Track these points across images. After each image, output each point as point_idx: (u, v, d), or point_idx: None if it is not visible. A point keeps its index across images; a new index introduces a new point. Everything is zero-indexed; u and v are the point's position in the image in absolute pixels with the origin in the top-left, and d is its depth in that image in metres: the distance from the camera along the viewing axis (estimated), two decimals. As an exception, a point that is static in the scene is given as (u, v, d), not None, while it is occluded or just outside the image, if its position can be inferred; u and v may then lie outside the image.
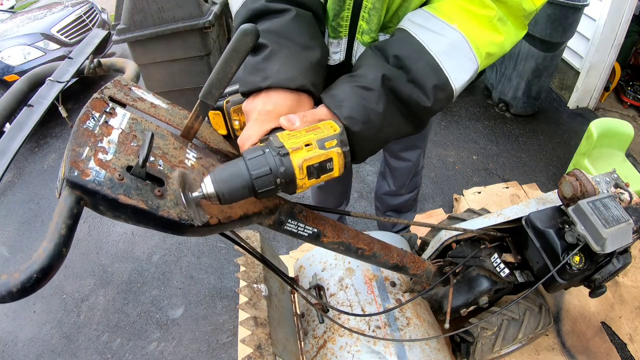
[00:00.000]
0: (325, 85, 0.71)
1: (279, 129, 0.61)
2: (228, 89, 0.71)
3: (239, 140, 0.63)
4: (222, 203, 0.52)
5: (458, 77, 0.68)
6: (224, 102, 0.71)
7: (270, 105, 0.62)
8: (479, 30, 0.69)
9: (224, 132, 0.74)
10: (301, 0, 0.72)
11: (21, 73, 3.65)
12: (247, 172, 0.52)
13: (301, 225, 0.73)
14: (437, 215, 2.28)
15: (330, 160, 0.55)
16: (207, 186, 0.51)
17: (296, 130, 0.58)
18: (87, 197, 0.46)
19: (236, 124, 0.73)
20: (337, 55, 0.88)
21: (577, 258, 1.03)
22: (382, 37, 0.83)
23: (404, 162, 1.60)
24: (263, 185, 0.52)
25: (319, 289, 1.17)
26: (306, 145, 0.54)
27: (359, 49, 0.85)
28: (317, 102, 0.68)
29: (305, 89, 0.64)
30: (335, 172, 0.57)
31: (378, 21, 0.79)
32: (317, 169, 0.54)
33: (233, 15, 0.78)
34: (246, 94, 0.66)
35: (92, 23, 4.33)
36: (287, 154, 0.53)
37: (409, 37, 0.69)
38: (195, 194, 0.52)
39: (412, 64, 0.66)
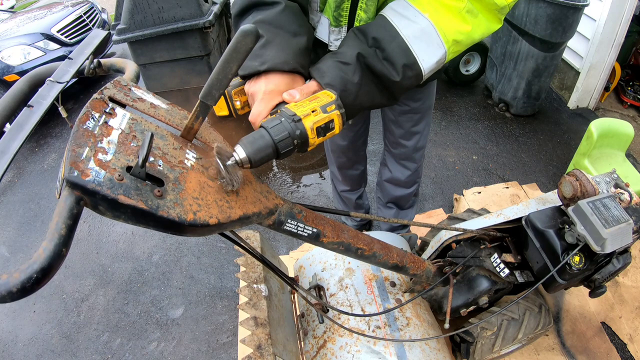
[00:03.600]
0: (314, 63, 0.82)
1: (282, 103, 0.73)
2: None
3: (250, 117, 0.75)
4: (252, 166, 0.62)
5: (426, 59, 0.79)
6: None
7: (272, 85, 0.74)
8: (448, 20, 0.78)
9: (225, 112, 0.84)
10: None
11: (21, 73, 3.65)
12: (271, 138, 0.63)
13: (301, 225, 0.73)
14: (437, 215, 2.28)
15: (332, 121, 0.69)
16: (240, 153, 0.61)
17: (300, 102, 0.70)
18: (87, 197, 0.46)
19: (237, 104, 0.83)
20: (338, 41, 0.98)
21: (577, 258, 1.03)
22: None
23: (403, 149, 1.62)
24: (284, 146, 0.64)
25: (318, 289, 1.17)
26: (312, 112, 0.67)
27: None
28: (306, 80, 0.80)
29: (296, 70, 0.77)
30: (336, 130, 0.71)
31: (374, 10, 0.90)
32: (323, 129, 0.68)
33: (231, 4, 0.88)
34: (246, 77, 0.78)
35: (92, 23, 4.33)
36: (300, 119, 0.65)
37: (386, 22, 0.80)
38: (229, 162, 0.60)
39: (386, 45, 0.77)
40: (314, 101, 0.69)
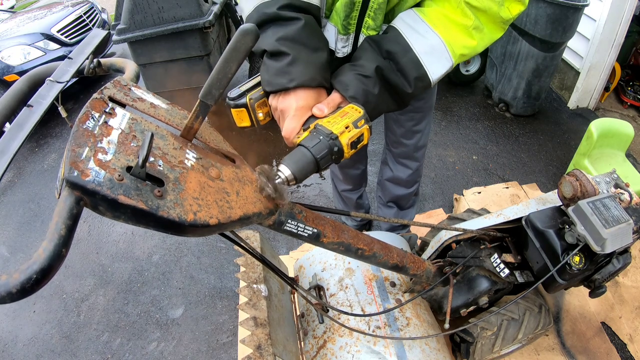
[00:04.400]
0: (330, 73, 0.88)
1: (311, 117, 0.79)
2: (245, 87, 0.84)
3: (284, 133, 0.80)
4: (297, 182, 0.69)
5: (435, 71, 0.86)
6: (247, 99, 0.83)
7: (302, 102, 0.78)
8: (456, 36, 0.85)
9: (247, 124, 0.87)
10: (305, 7, 0.85)
11: (21, 73, 3.65)
12: (312, 156, 0.70)
13: (301, 225, 0.73)
14: (437, 215, 2.28)
15: (362, 135, 0.75)
16: (285, 172, 0.68)
17: (331, 117, 0.76)
18: (86, 197, 0.46)
19: (260, 115, 0.86)
20: (345, 48, 1.01)
21: (577, 258, 1.03)
22: (384, 26, 0.96)
23: (404, 148, 1.63)
24: (325, 162, 0.72)
25: (318, 289, 1.17)
26: (346, 128, 0.74)
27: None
28: (328, 91, 0.86)
29: (322, 85, 0.81)
30: (365, 141, 0.78)
31: (382, 18, 0.93)
32: (355, 142, 0.75)
33: (244, 18, 0.89)
34: (273, 92, 0.82)
35: (92, 23, 4.33)
36: (337, 137, 0.72)
37: (399, 36, 0.86)
38: (277, 180, 0.66)
39: (400, 58, 0.84)
40: (345, 117, 0.75)
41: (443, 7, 0.86)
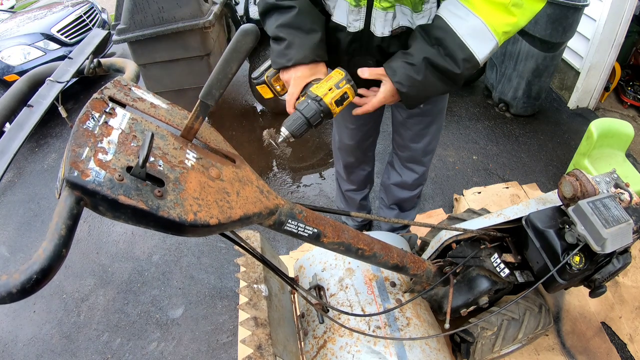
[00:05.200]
0: (336, 47, 1.11)
1: (309, 84, 0.97)
2: (263, 67, 1.06)
3: (286, 97, 1.01)
4: (296, 138, 0.92)
5: (480, 51, 0.95)
6: (265, 77, 1.06)
7: (299, 74, 0.99)
8: (496, 15, 0.92)
9: (270, 95, 1.09)
10: None
11: (21, 73, 3.64)
12: (303, 116, 0.90)
13: (301, 225, 0.73)
14: (437, 215, 2.27)
15: (345, 93, 0.92)
16: (284, 132, 0.91)
17: (320, 83, 0.94)
18: (87, 197, 0.46)
19: (278, 88, 1.07)
20: (357, 22, 1.06)
21: (577, 258, 1.03)
22: (398, 7, 1.02)
23: (411, 152, 1.61)
24: (315, 120, 0.91)
25: (319, 289, 1.17)
26: (329, 90, 0.91)
27: (377, 16, 1.03)
28: (329, 65, 1.06)
29: (314, 60, 0.99)
30: (351, 98, 0.95)
31: None
32: (340, 100, 0.92)
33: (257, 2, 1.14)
34: (277, 69, 1.03)
35: (92, 23, 4.33)
36: (321, 99, 0.90)
37: (444, 23, 0.96)
38: (280, 139, 0.92)
39: (447, 43, 0.95)
40: (329, 81, 0.93)
41: None
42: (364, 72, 1.01)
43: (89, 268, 2.37)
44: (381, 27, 1.05)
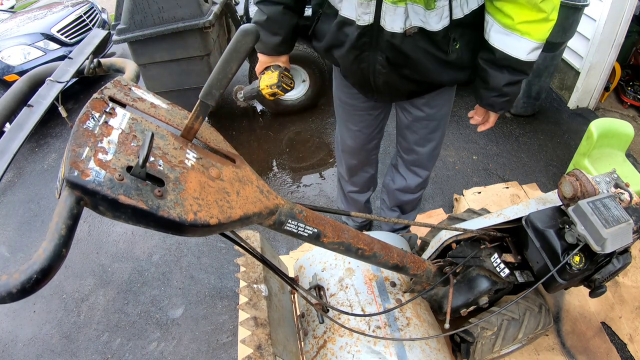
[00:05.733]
0: (344, 43, 1.20)
1: (268, 67, 1.33)
2: (270, 79, 1.32)
3: (256, 68, 1.38)
4: (247, 101, 1.42)
5: (535, 56, 1.15)
6: (274, 86, 1.34)
7: (262, 59, 1.33)
8: (540, 30, 1.07)
9: (282, 94, 1.34)
10: (277, 0, 1.20)
11: (21, 73, 3.64)
12: (252, 95, 1.37)
13: (301, 225, 0.73)
14: (437, 215, 2.27)
15: (275, 93, 1.30)
16: (240, 95, 1.41)
17: (265, 76, 1.31)
18: (87, 197, 0.46)
19: (284, 85, 1.35)
20: (366, 16, 1.07)
21: (577, 258, 1.03)
22: (410, 5, 1.04)
23: (415, 155, 1.61)
24: (258, 98, 1.41)
25: (319, 289, 1.17)
26: (266, 86, 1.31)
27: (387, 9, 1.04)
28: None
29: (270, 55, 1.31)
30: (281, 95, 1.32)
31: None
32: (272, 95, 1.31)
33: None
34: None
35: (92, 23, 4.33)
36: (259, 91, 1.33)
37: (506, 55, 1.13)
38: (240, 96, 1.42)
39: (515, 66, 1.16)
40: (271, 79, 1.29)
41: (520, 17, 1.05)
42: (475, 120, 1.49)
43: (89, 268, 2.37)
44: (391, 22, 1.05)
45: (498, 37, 1.12)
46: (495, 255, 1.17)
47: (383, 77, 1.22)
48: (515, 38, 1.09)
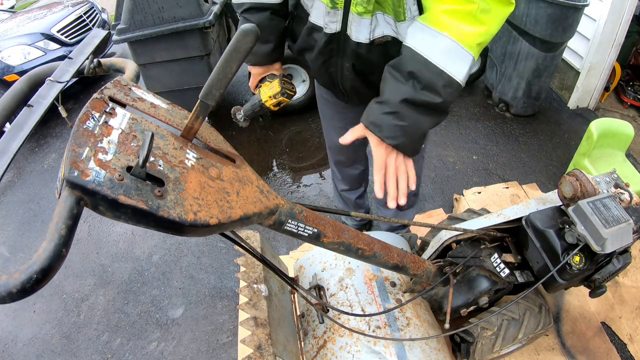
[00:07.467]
0: (313, 47, 1.14)
1: (263, 78, 1.31)
2: (272, 89, 1.29)
3: (249, 83, 1.36)
4: (248, 118, 1.37)
5: (458, 72, 0.85)
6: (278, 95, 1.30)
7: (255, 71, 1.30)
8: (465, 29, 0.83)
9: (287, 101, 1.30)
10: (261, 6, 1.16)
11: (21, 73, 3.65)
12: (253, 111, 1.33)
13: (301, 225, 0.73)
14: (437, 215, 2.27)
15: (281, 101, 1.25)
16: (240, 114, 1.36)
17: (265, 86, 1.28)
18: (87, 197, 0.46)
19: (288, 91, 1.31)
20: (334, 24, 1.05)
21: (577, 258, 1.03)
22: (380, 15, 0.99)
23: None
24: (262, 113, 1.33)
25: (319, 289, 1.17)
26: (269, 97, 1.26)
27: (353, 20, 1.01)
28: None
29: (264, 64, 1.27)
30: (286, 102, 1.26)
31: None
32: (276, 105, 1.27)
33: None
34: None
35: (92, 23, 4.33)
36: (263, 103, 1.28)
37: (413, 53, 0.86)
38: (240, 117, 1.36)
39: (422, 75, 0.85)
40: (272, 89, 1.25)
41: (443, 2, 0.83)
42: (346, 138, 0.92)
43: (89, 268, 2.37)
44: (357, 32, 1.02)
45: (413, 35, 0.88)
46: (495, 255, 1.17)
47: (350, 82, 1.20)
48: (431, 33, 0.84)
